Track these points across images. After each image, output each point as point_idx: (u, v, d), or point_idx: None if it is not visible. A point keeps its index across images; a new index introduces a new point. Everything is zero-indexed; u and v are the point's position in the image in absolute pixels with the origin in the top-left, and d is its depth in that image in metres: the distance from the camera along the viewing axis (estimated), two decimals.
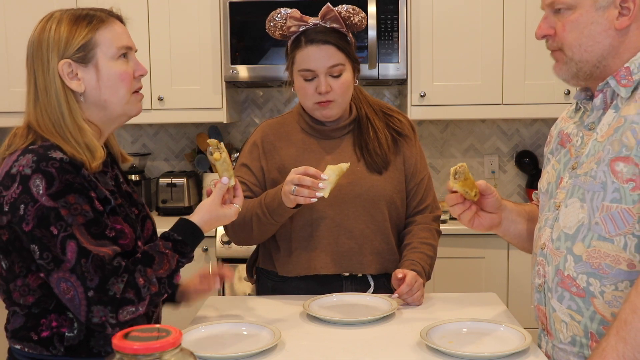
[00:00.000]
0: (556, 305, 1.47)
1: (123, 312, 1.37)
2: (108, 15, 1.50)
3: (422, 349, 1.52)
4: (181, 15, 3.26)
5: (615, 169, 1.36)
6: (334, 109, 1.95)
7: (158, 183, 3.48)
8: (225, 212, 1.57)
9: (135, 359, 0.86)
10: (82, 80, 1.46)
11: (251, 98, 3.75)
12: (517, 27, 3.23)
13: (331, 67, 1.90)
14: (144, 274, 1.41)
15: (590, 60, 1.44)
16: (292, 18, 1.91)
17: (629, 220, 1.35)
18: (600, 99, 1.46)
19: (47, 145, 1.41)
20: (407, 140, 2.04)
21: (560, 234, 1.46)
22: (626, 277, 1.37)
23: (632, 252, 1.36)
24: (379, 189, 1.97)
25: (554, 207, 1.51)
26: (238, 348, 1.54)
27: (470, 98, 3.27)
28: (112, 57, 1.47)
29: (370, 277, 2.00)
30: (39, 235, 1.35)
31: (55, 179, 1.36)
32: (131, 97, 1.51)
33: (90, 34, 1.45)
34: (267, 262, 2.05)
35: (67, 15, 1.47)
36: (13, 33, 3.24)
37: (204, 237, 1.55)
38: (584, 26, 1.42)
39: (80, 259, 1.34)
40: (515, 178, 3.70)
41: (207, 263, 3.15)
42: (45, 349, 1.43)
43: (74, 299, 1.35)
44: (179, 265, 1.48)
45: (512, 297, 3.14)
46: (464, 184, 1.58)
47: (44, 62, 1.44)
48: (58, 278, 1.35)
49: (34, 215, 1.34)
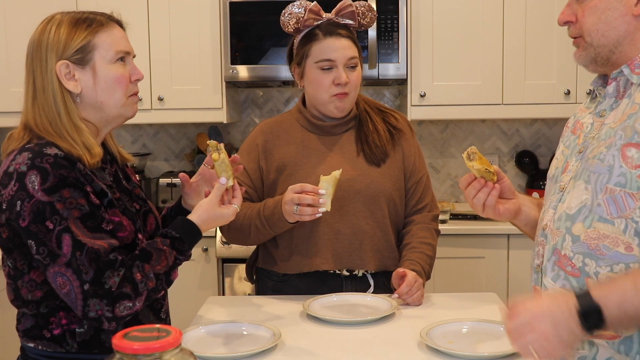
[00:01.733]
0: (549, 284, 1.48)
1: (120, 306, 1.38)
2: (108, 20, 1.53)
3: (422, 349, 1.52)
4: (181, 15, 3.26)
5: (627, 154, 1.37)
6: (348, 102, 1.98)
7: (158, 183, 3.48)
8: (223, 212, 1.58)
9: (135, 359, 0.86)
10: (79, 81, 1.48)
11: (251, 98, 3.75)
12: (517, 27, 3.23)
13: (350, 59, 1.93)
14: (142, 270, 1.41)
15: (607, 44, 1.46)
16: (311, 11, 1.94)
17: (631, 205, 1.36)
18: (613, 87, 1.48)
19: (42, 143, 1.43)
20: (404, 135, 2.06)
21: (562, 214, 1.47)
22: (622, 260, 1.38)
23: (632, 236, 1.37)
24: (379, 185, 1.97)
25: (558, 190, 1.52)
26: (238, 348, 1.54)
27: (470, 98, 3.27)
28: (109, 60, 1.50)
29: (370, 277, 2.00)
30: (34, 230, 1.36)
31: (50, 174, 1.38)
32: (127, 99, 1.54)
33: (89, 37, 1.48)
34: (267, 262, 2.05)
35: (67, 17, 1.50)
36: (13, 33, 3.24)
37: (202, 236, 1.55)
38: (601, 11, 1.45)
39: (75, 252, 1.35)
40: (515, 178, 3.70)
41: (207, 263, 3.15)
42: (59, 346, 1.45)
43: (70, 293, 1.36)
44: (177, 262, 1.49)
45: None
46: (481, 162, 1.57)
47: (43, 62, 1.47)
48: (54, 272, 1.37)
49: (30, 210, 1.36)
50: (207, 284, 3.14)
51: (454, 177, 3.72)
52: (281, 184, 1.98)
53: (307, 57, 1.95)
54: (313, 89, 1.98)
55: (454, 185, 3.72)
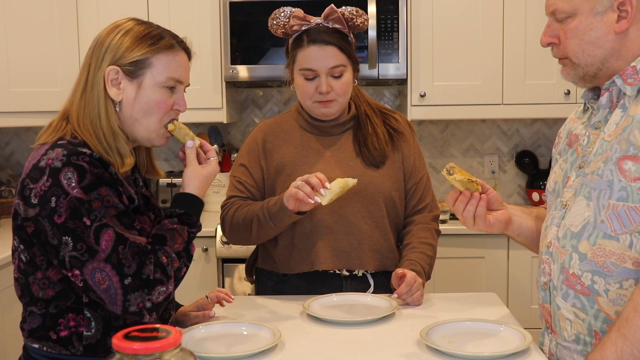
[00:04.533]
0: (561, 303, 1.48)
1: (155, 292, 1.40)
2: (177, 44, 1.54)
3: (422, 349, 1.52)
4: (181, 15, 3.26)
5: (623, 167, 1.37)
6: (334, 107, 1.97)
7: (158, 183, 3.48)
8: (207, 170, 1.59)
9: (135, 359, 0.86)
10: (121, 90, 1.49)
11: (251, 98, 3.75)
12: (517, 27, 3.23)
13: (332, 68, 1.91)
14: (165, 252, 1.44)
15: (594, 63, 1.46)
16: (296, 17, 1.93)
17: (635, 219, 1.36)
18: (607, 97, 1.47)
19: (75, 142, 1.44)
20: (404, 138, 2.06)
21: (566, 232, 1.47)
22: (631, 276, 1.38)
23: (638, 251, 1.37)
24: (377, 185, 1.98)
25: (560, 206, 1.51)
26: (238, 348, 1.54)
27: (470, 98, 3.27)
28: (158, 83, 1.51)
29: (370, 277, 2.00)
30: (72, 226, 1.36)
31: (87, 172, 1.38)
32: (161, 129, 1.55)
33: (148, 54, 1.49)
34: (267, 262, 2.05)
35: (137, 28, 1.51)
36: (13, 33, 3.23)
37: (203, 203, 1.57)
38: (583, 32, 1.45)
39: (118, 246, 1.37)
40: (515, 178, 3.70)
41: (207, 263, 3.15)
42: (65, 348, 1.44)
43: (109, 289, 1.36)
44: (191, 236, 1.51)
45: (512, 297, 3.14)
46: (462, 174, 1.58)
47: (99, 60, 1.49)
48: (92, 269, 1.36)
49: (67, 207, 1.36)
50: (207, 284, 3.14)
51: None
52: (280, 184, 1.98)
53: (294, 63, 1.96)
54: (299, 94, 1.99)
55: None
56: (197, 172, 1.57)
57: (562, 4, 1.45)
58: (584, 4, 1.43)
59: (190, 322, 1.73)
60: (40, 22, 3.13)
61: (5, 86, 3.22)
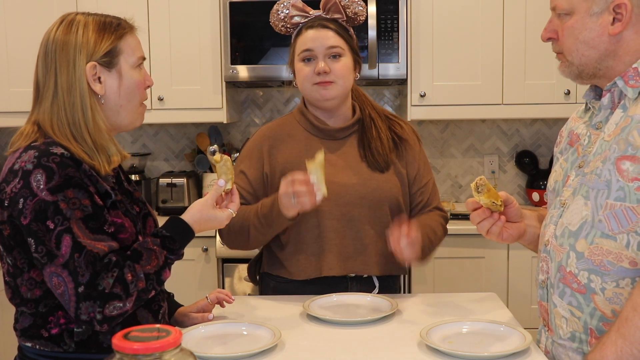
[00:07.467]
0: (557, 301, 1.48)
1: (109, 306, 1.37)
2: (127, 24, 1.56)
3: (422, 349, 1.52)
4: (181, 15, 3.26)
5: (621, 167, 1.37)
6: (333, 90, 1.95)
7: (158, 183, 3.48)
8: (217, 214, 1.57)
9: (135, 359, 0.86)
10: (104, 83, 1.50)
11: (251, 98, 3.75)
12: (517, 27, 3.23)
13: (329, 48, 1.93)
14: (133, 270, 1.41)
15: (588, 63, 1.47)
16: (295, 7, 1.95)
17: (633, 219, 1.36)
18: (608, 98, 1.48)
19: (49, 142, 1.44)
20: (409, 145, 2.05)
21: (564, 230, 1.47)
22: (628, 275, 1.38)
23: (635, 250, 1.37)
24: (384, 190, 1.97)
25: (559, 205, 1.52)
26: (238, 348, 1.54)
27: (470, 98, 3.27)
28: (132, 65, 1.53)
29: (375, 278, 2.00)
30: (35, 228, 1.37)
31: (55, 174, 1.38)
32: (139, 107, 1.57)
33: (116, 41, 1.51)
34: (272, 267, 2.03)
35: (92, 19, 1.51)
36: (13, 33, 3.24)
37: (194, 235, 1.54)
38: (579, 32, 1.45)
39: (74, 253, 1.36)
40: (515, 178, 3.70)
41: (207, 263, 3.15)
42: (57, 346, 1.45)
43: (64, 294, 1.37)
44: (167, 261, 1.48)
45: (512, 297, 3.14)
46: (488, 196, 1.57)
47: (70, 62, 1.47)
48: (50, 272, 1.37)
49: (32, 208, 1.36)
50: (207, 284, 3.14)
51: (454, 177, 3.72)
52: None
53: (294, 52, 1.98)
54: (299, 79, 1.99)
55: (454, 185, 3.72)
56: (207, 209, 1.56)
57: (562, 1, 1.47)
58: (582, 3, 1.44)
59: (190, 322, 1.73)
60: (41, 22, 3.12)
61: (5, 86, 3.22)
